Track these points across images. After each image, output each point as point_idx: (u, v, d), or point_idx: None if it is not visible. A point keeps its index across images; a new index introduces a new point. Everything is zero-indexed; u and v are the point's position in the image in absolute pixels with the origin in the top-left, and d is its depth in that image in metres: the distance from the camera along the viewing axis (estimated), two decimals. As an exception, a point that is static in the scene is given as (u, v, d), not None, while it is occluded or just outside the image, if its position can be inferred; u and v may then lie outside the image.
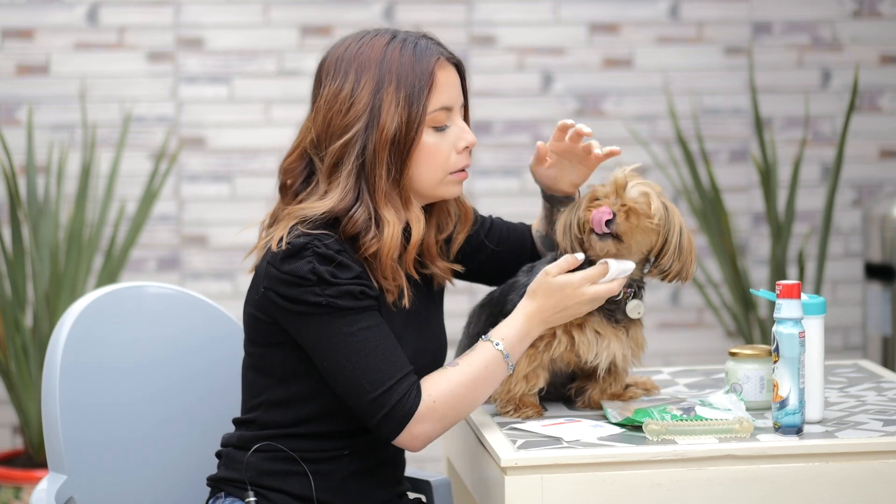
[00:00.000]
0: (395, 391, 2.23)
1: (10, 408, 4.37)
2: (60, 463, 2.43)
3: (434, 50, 2.33)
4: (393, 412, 2.23)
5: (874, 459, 2.23)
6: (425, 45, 2.33)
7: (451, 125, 2.35)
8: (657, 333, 4.55)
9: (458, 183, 2.37)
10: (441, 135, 2.33)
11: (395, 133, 2.28)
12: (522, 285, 2.46)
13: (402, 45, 2.32)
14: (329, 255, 2.23)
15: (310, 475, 2.31)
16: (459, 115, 2.37)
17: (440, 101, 2.32)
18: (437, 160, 2.32)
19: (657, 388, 2.60)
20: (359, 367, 2.23)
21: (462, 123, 2.36)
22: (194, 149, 4.47)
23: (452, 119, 2.35)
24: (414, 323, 2.37)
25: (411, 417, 2.24)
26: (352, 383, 2.24)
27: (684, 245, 2.41)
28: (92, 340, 2.51)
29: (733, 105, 4.63)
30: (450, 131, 2.34)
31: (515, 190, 4.57)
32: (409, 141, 2.29)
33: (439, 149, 2.32)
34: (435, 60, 2.31)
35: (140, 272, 4.45)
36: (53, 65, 4.41)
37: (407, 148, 2.29)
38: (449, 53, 2.36)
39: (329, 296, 2.22)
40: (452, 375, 2.28)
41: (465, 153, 2.36)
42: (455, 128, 2.35)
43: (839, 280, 4.70)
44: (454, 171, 2.35)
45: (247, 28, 4.45)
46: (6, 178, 3.94)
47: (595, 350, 2.41)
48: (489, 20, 4.54)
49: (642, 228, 2.37)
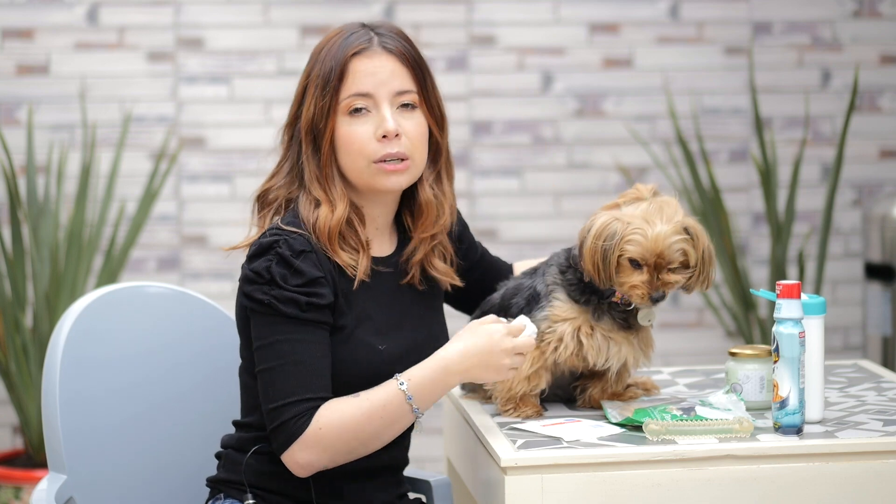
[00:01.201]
0: (289, 409, 2.22)
1: (10, 408, 4.37)
2: (60, 463, 2.43)
3: (362, 40, 2.32)
4: (280, 428, 2.23)
5: (874, 459, 2.23)
6: (357, 37, 2.33)
7: (374, 113, 2.32)
8: (657, 333, 4.51)
9: (387, 174, 2.32)
10: (359, 122, 2.31)
11: (312, 119, 2.31)
12: (528, 288, 2.46)
13: (339, 36, 2.34)
14: (287, 259, 2.25)
15: (309, 478, 2.30)
16: (387, 104, 2.32)
17: (353, 88, 2.31)
18: (353, 147, 2.31)
19: (657, 388, 2.60)
20: (275, 374, 2.24)
21: (384, 112, 2.31)
22: (194, 149, 4.47)
23: (376, 107, 2.32)
24: (406, 320, 2.37)
25: (294, 440, 2.22)
26: (264, 386, 2.25)
27: (707, 265, 2.41)
28: (92, 340, 2.51)
29: (733, 105, 4.63)
30: (370, 119, 2.32)
31: (515, 190, 4.57)
32: (323, 128, 2.31)
33: (355, 136, 2.31)
34: (354, 50, 2.31)
35: (140, 272, 4.45)
36: (53, 65, 4.41)
37: (321, 134, 2.31)
38: (391, 44, 2.33)
39: (273, 297, 2.24)
40: (347, 407, 2.23)
41: (387, 142, 2.31)
42: (378, 115, 2.32)
43: (839, 280, 4.70)
44: (376, 160, 2.32)
45: (247, 28, 4.45)
46: (6, 178, 3.94)
47: (605, 355, 2.42)
48: (489, 20, 4.54)
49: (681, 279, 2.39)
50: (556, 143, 4.57)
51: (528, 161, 4.57)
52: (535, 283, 2.46)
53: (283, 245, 2.25)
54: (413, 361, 2.30)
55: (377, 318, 2.34)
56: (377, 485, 2.38)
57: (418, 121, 2.34)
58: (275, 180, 2.37)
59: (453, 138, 4.51)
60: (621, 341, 2.42)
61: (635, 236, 2.35)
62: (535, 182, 4.58)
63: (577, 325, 2.40)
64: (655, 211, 2.38)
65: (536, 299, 2.43)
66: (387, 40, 2.34)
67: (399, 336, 2.36)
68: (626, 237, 2.36)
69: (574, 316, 2.40)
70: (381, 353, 2.31)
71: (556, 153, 4.57)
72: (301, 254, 2.26)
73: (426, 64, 2.38)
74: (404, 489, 2.46)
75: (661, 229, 2.35)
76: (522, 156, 4.57)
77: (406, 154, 2.32)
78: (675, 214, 2.39)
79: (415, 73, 2.34)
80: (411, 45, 2.37)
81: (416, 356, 2.32)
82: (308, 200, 2.32)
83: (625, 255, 2.35)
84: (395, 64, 2.33)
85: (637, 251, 2.35)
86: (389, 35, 2.35)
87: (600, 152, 4.58)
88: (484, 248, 2.63)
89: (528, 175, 4.57)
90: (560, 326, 2.40)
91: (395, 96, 2.32)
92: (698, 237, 2.39)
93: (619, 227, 2.36)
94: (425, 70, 2.37)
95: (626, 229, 2.36)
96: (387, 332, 2.34)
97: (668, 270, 2.36)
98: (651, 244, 2.35)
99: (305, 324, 2.24)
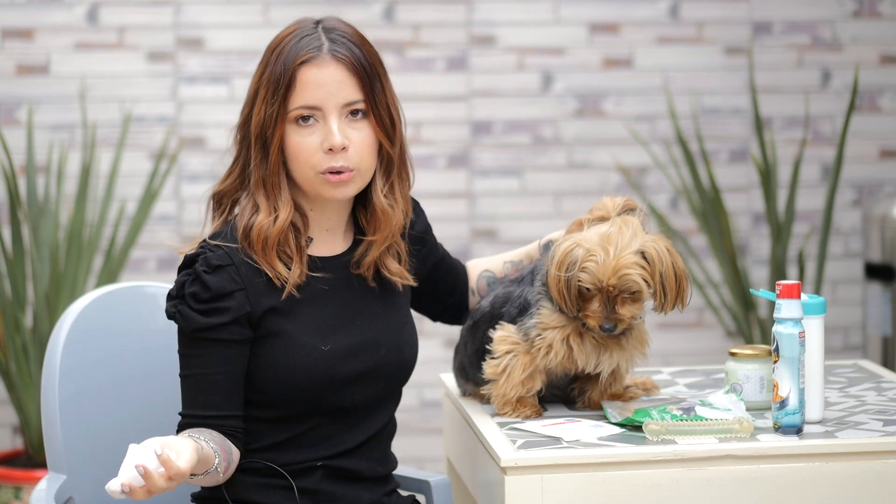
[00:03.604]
0: (180, 422, 2.30)
1: (10, 408, 4.37)
2: (60, 463, 2.43)
3: (311, 46, 2.30)
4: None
5: (874, 459, 2.23)
6: (307, 42, 2.30)
7: (322, 124, 2.30)
8: (657, 333, 4.55)
9: (332, 185, 2.30)
10: (306, 133, 2.30)
11: (261, 125, 2.30)
12: (518, 297, 2.45)
13: (292, 38, 2.32)
14: (200, 275, 2.27)
15: (294, 486, 2.30)
16: (335, 116, 2.29)
17: (300, 100, 2.29)
18: (300, 157, 2.30)
19: (657, 388, 2.60)
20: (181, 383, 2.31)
21: (331, 125, 2.29)
22: (194, 149, 4.47)
23: (324, 118, 2.30)
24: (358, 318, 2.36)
25: None
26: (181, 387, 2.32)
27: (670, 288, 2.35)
28: (92, 340, 2.51)
29: (733, 105, 4.63)
30: (318, 129, 2.30)
31: (515, 190, 4.57)
32: (271, 135, 2.30)
33: (302, 146, 2.30)
34: (302, 58, 2.28)
35: (140, 272, 4.45)
36: (53, 65, 4.41)
37: (270, 141, 2.30)
38: (341, 51, 2.30)
39: (178, 311, 2.28)
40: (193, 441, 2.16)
41: (331, 155, 2.29)
42: (325, 127, 2.30)
43: (839, 280, 4.70)
44: (322, 171, 2.30)
45: (247, 28, 4.45)
46: (6, 178, 3.94)
47: (596, 360, 2.40)
48: (489, 20, 4.54)
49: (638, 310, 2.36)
50: (556, 143, 4.57)
51: (528, 161, 4.57)
52: (524, 291, 2.45)
53: (202, 261, 2.29)
54: (364, 359, 2.32)
55: (322, 317, 2.33)
56: (360, 486, 2.37)
57: (366, 131, 2.32)
58: (228, 182, 2.37)
59: (454, 138, 4.52)
60: (612, 346, 2.40)
61: (589, 264, 2.32)
62: (535, 182, 4.58)
63: (566, 333, 2.38)
64: (614, 234, 2.33)
65: (527, 308, 2.43)
66: (337, 47, 2.30)
67: (348, 334, 2.34)
68: (582, 265, 2.33)
69: (563, 324, 2.38)
70: (324, 353, 2.31)
71: (556, 153, 4.57)
72: (217, 269, 2.28)
73: (379, 68, 2.34)
74: (393, 485, 2.45)
75: (612, 257, 2.31)
76: (522, 156, 4.57)
77: (352, 166, 2.30)
78: (634, 238, 2.33)
79: (364, 81, 2.31)
80: (363, 50, 2.32)
81: (368, 354, 2.34)
82: (248, 205, 2.33)
83: (582, 283, 2.33)
84: (344, 74, 2.29)
85: (589, 279, 2.32)
86: (341, 40, 2.31)
87: (600, 152, 4.58)
88: (445, 250, 2.60)
89: (528, 175, 4.57)
90: (549, 333, 2.39)
91: (342, 107, 2.30)
92: (654, 262, 2.33)
93: (580, 253, 2.33)
94: (375, 76, 2.33)
95: (585, 256, 2.32)
96: (333, 331, 2.33)
97: (624, 298, 2.32)
98: (600, 272, 2.31)
99: (199, 341, 2.27)
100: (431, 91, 4.48)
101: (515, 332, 2.41)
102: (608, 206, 2.39)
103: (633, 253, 2.32)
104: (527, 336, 2.40)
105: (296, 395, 2.30)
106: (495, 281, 2.59)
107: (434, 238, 2.56)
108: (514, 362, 2.40)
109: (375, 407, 2.39)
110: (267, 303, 2.29)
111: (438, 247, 2.57)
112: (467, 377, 2.56)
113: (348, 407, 2.34)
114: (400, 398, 2.45)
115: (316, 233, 2.37)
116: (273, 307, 2.30)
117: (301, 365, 2.29)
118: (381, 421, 2.40)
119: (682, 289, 2.35)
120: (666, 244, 2.36)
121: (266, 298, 2.29)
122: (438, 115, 4.48)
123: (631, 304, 2.34)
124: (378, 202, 2.36)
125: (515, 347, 2.41)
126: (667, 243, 2.36)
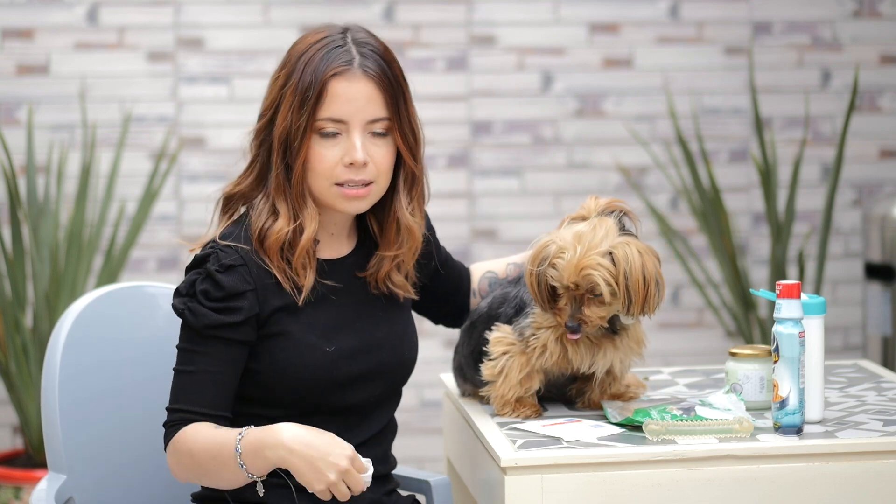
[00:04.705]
0: (171, 414, 2.29)
1: (10, 408, 4.37)
2: (60, 463, 2.43)
3: (342, 59, 2.29)
4: (165, 429, 2.30)
5: (874, 459, 2.23)
6: (338, 54, 2.29)
7: (345, 138, 2.30)
8: (657, 333, 4.55)
9: (347, 199, 2.31)
10: (328, 145, 2.30)
11: (286, 133, 2.30)
12: (514, 298, 2.45)
13: (321, 47, 2.30)
14: (212, 274, 2.28)
15: (292, 487, 2.29)
16: (359, 131, 2.30)
17: (329, 112, 2.29)
18: (320, 168, 2.30)
19: (643, 386, 2.57)
20: (176, 377, 2.30)
21: (355, 140, 2.29)
22: (194, 149, 4.47)
23: (348, 133, 2.30)
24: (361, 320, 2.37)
25: (167, 445, 2.29)
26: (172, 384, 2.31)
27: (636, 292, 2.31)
28: (92, 340, 2.51)
29: (733, 105, 4.63)
30: (340, 143, 2.30)
31: (515, 190, 4.57)
32: (298, 146, 2.29)
33: (324, 158, 2.30)
34: (334, 70, 2.28)
35: (140, 272, 4.45)
36: (53, 65, 4.41)
37: (296, 152, 2.30)
38: (371, 67, 2.30)
39: (188, 308, 2.28)
40: (200, 434, 2.24)
41: (352, 169, 2.30)
42: (348, 142, 2.30)
43: (839, 280, 4.70)
44: (338, 182, 2.31)
45: (247, 28, 4.44)
46: (6, 178, 3.94)
47: (590, 360, 2.40)
48: (489, 20, 4.54)
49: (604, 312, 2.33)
50: (556, 143, 4.57)
51: (528, 161, 4.57)
52: (520, 292, 2.45)
53: (213, 260, 2.29)
54: (366, 360, 2.33)
55: (326, 319, 2.34)
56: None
57: (387, 148, 2.33)
58: (244, 185, 2.37)
59: (454, 138, 4.53)
60: (606, 346, 2.40)
61: (558, 261, 2.32)
62: (535, 182, 4.58)
63: (559, 333, 2.38)
64: (587, 233, 2.31)
65: (523, 308, 2.42)
66: (368, 62, 2.30)
67: (351, 336, 2.35)
68: (552, 261, 2.32)
69: (556, 324, 2.38)
70: (328, 354, 2.31)
71: (556, 153, 4.57)
72: (229, 269, 2.28)
73: (403, 84, 2.35)
74: (393, 485, 2.45)
75: (577, 255, 2.29)
76: (522, 156, 4.57)
77: (371, 179, 2.32)
78: (606, 238, 2.31)
79: (391, 98, 2.31)
80: (390, 65, 2.33)
81: (370, 355, 2.35)
82: (265, 208, 2.33)
83: (551, 279, 2.32)
84: (373, 90, 2.30)
85: (556, 276, 2.32)
86: (371, 55, 2.31)
87: (600, 152, 4.58)
88: (447, 252, 2.61)
89: (528, 175, 4.57)
90: (543, 333, 2.38)
91: (367, 124, 2.31)
92: (619, 263, 2.30)
93: (552, 250, 2.33)
94: (401, 93, 2.33)
95: (556, 253, 2.32)
96: (337, 332, 2.34)
97: (590, 298, 2.31)
98: (565, 270, 2.30)
99: (208, 339, 2.27)
100: (431, 91, 4.48)
101: (511, 332, 2.41)
102: (590, 206, 2.39)
103: (599, 253, 2.30)
104: (522, 336, 2.40)
105: (299, 394, 2.31)
106: (497, 282, 2.59)
107: (437, 241, 2.56)
108: (511, 363, 2.40)
109: (376, 407, 2.39)
110: (274, 303, 2.30)
111: (441, 250, 2.57)
112: (465, 378, 2.56)
113: (349, 407, 2.35)
114: (400, 398, 2.45)
115: (321, 236, 2.38)
116: (280, 308, 2.31)
117: (305, 365, 2.30)
118: (381, 421, 2.40)
119: (649, 294, 2.31)
120: (641, 248, 2.33)
121: (274, 299, 2.30)
122: (438, 115, 4.48)
123: (597, 306, 2.32)
124: (404, 219, 2.38)
125: (511, 348, 2.41)
126: (643, 247, 2.33)
